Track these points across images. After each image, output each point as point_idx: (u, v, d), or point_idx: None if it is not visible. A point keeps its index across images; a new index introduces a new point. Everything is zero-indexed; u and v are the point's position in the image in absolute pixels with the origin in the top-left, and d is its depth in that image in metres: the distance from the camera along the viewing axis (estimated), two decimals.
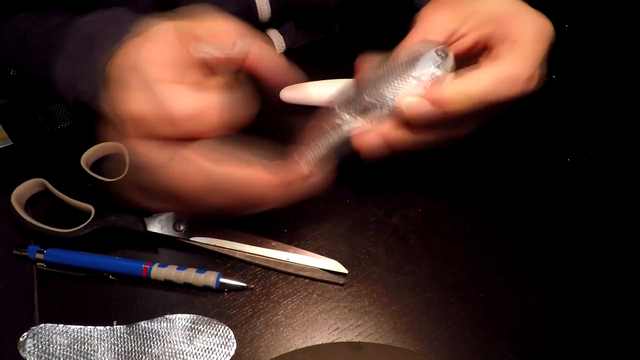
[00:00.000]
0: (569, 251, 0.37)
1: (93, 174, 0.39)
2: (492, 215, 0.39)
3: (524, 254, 0.37)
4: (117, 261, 0.35)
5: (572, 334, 0.33)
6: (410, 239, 0.38)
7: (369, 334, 0.33)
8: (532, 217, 0.40)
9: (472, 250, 0.37)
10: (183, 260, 0.36)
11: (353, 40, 0.57)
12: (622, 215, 0.40)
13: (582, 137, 0.46)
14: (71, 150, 0.40)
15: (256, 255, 0.36)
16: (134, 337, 0.32)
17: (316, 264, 0.35)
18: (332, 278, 0.35)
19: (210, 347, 0.32)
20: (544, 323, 0.33)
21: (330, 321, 0.33)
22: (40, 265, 0.35)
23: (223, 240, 0.36)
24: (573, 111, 0.49)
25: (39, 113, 0.64)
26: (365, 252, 0.37)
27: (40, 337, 0.32)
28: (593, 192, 0.42)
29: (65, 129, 0.63)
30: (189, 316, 0.33)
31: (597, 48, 0.57)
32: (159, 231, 0.36)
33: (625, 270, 0.36)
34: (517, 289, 0.35)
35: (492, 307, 0.34)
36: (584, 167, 0.43)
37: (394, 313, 0.34)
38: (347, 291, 0.35)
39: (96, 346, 0.32)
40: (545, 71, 0.31)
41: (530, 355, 0.32)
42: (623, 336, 0.33)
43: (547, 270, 0.36)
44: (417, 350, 0.32)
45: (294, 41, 0.59)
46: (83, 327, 0.32)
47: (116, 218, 0.36)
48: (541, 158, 0.44)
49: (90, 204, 0.36)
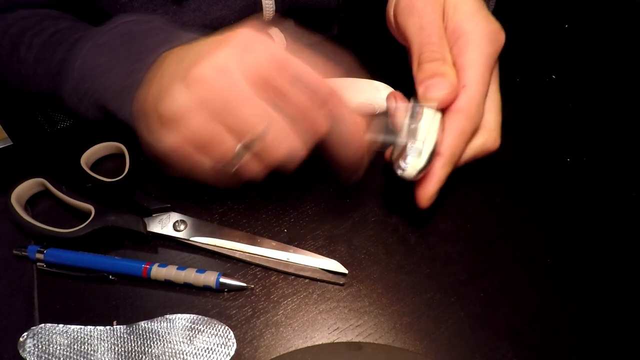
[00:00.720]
0: (569, 251, 0.37)
1: (93, 174, 0.39)
2: (492, 215, 0.39)
3: (524, 254, 0.37)
4: (117, 261, 0.35)
5: (572, 334, 0.33)
6: (410, 239, 0.38)
7: (369, 334, 0.33)
8: (532, 217, 0.40)
9: (472, 250, 0.37)
10: (183, 260, 0.36)
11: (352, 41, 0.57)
12: (622, 215, 0.40)
13: (582, 137, 0.46)
14: (71, 150, 0.40)
15: (256, 255, 0.36)
16: (134, 337, 0.32)
17: (316, 264, 0.35)
18: (332, 278, 0.35)
19: (210, 347, 0.32)
20: (544, 323, 0.33)
21: (330, 321, 0.33)
22: (40, 265, 0.35)
23: (223, 240, 0.36)
24: (573, 111, 0.49)
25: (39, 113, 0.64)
26: (365, 252, 0.37)
27: (40, 337, 0.32)
28: (593, 192, 0.42)
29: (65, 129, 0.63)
30: (189, 316, 0.33)
31: (597, 48, 0.57)
32: (159, 231, 0.36)
33: (625, 270, 0.37)
34: (517, 289, 0.35)
35: (492, 307, 0.34)
36: (584, 167, 0.43)
37: (394, 313, 0.34)
38: (347, 291, 0.35)
39: (96, 346, 0.32)
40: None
41: (530, 355, 0.32)
42: (623, 336, 0.33)
43: (547, 270, 0.36)
44: (417, 350, 0.32)
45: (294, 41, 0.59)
46: (83, 327, 0.32)
47: (116, 218, 0.36)
48: (541, 158, 0.44)
49: (90, 204, 0.36)
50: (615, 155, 0.45)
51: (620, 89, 0.52)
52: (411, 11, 0.36)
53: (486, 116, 0.36)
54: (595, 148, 0.45)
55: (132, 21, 0.39)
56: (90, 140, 0.41)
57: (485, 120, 0.35)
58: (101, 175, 0.39)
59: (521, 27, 0.59)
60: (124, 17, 0.40)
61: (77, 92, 0.39)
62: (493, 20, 0.36)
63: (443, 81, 0.33)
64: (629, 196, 0.41)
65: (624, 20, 0.62)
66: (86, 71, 0.38)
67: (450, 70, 0.34)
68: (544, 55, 0.55)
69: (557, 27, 0.59)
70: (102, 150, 0.41)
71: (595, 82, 0.52)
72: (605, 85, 0.52)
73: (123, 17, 0.40)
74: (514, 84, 0.51)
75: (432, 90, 0.34)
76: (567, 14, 0.61)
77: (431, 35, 0.35)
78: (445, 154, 0.34)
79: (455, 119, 0.34)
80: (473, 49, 0.34)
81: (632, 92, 0.51)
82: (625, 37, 0.59)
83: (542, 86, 0.51)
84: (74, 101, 0.40)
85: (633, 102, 0.50)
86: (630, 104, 0.50)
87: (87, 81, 0.38)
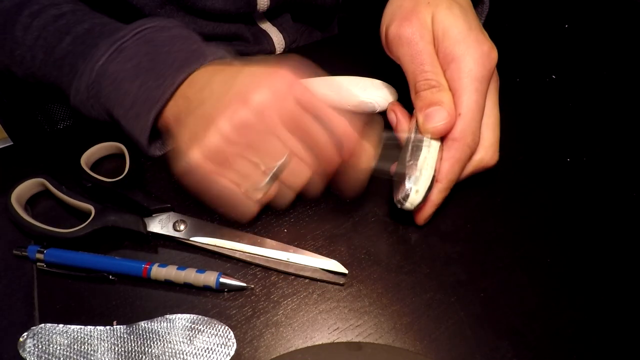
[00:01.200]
0: (569, 251, 0.37)
1: (93, 174, 0.39)
2: (492, 215, 0.39)
3: (524, 254, 0.37)
4: (117, 261, 0.35)
5: (572, 334, 0.33)
6: (410, 239, 0.38)
7: (369, 334, 0.33)
8: (532, 217, 0.40)
9: (472, 250, 0.37)
10: (183, 260, 0.36)
11: (352, 41, 0.57)
12: (622, 215, 0.40)
13: (582, 137, 0.46)
14: (71, 150, 0.40)
15: (256, 255, 0.36)
16: (134, 337, 0.32)
17: (316, 264, 0.35)
18: (332, 278, 0.35)
19: (210, 347, 0.32)
20: (544, 323, 0.33)
21: (330, 321, 0.33)
22: (40, 265, 0.35)
23: (223, 240, 0.36)
24: (573, 111, 0.49)
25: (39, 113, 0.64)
26: (365, 252, 0.37)
27: (40, 337, 0.32)
28: (593, 192, 0.42)
29: (65, 128, 0.63)
30: (189, 316, 0.33)
31: (597, 48, 0.57)
32: (159, 231, 0.36)
33: (625, 270, 0.37)
34: (517, 289, 0.35)
35: (492, 307, 0.34)
36: (584, 167, 0.43)
37: (394, 313, 0.34)
38: (347, 291, 0.35)
39: (96, 346, 0.32)
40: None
41: (530, 355, 0.32)
42: (623, 336, 0.33)
43: (547, 270, 0.36)
44: (417, 350, 0.32)
45: (293, 39, 0.59)
46: (83, 327, 0.32)
47: (116, 218, 0.36)
48: (541, 158, 0.44)
49: (90, 204, 0.36)
50: (615, 155, 0.45)
51: (620, 89, 0.52)
52: (400, 41, 0.37)
53: (484, 134, 0.37)
54: (595, 148, 0.45)
55: (153, 27, 0.39)
56: (90, 140, 0.41)
57: (483, 138, 0.37)
58: (101, 175, 0.39)
59: (521, 27, 0.59)
60: (143, 22, 0.39)
61: (89, 90, 0.39)
62: (483, 39, 0.36)
63: (441, 110, 0.35)
64: (629, 196, 0.41)
65: (624, 20, 0.62)
66: (107, 73, 0.38)
67: (447, 97, 0.35)
68: (544, 55, 0.55)
69: (557, 27, 0.59)
70: (102, 150, 0.41)
71: (595, 82, 0.52)
72: (605, 85, 0.52)
73: (142, 22, 0.39)
74: (514, 84, 0.51)
75: (432, 121, 0.35)
76: (567, 14, 0.61)
77: (424, 64, 0.36)
78: (442, 182, 0.35)
79: (451, 147, 0.35)
80: (466, 75, 0.35)
81: (632, 92, 0.51)
82: (625, 37, 0.59)
83: (542, 86, 0.51)
84: (81, 98, 0.39)
85: (633, 102, 0.50)
86: (630, 104, 0.50)
87: (103, 83, 0.38)
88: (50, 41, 0.40)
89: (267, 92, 0.33)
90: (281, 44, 0.58)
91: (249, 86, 0.33)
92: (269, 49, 0.57)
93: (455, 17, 0.36)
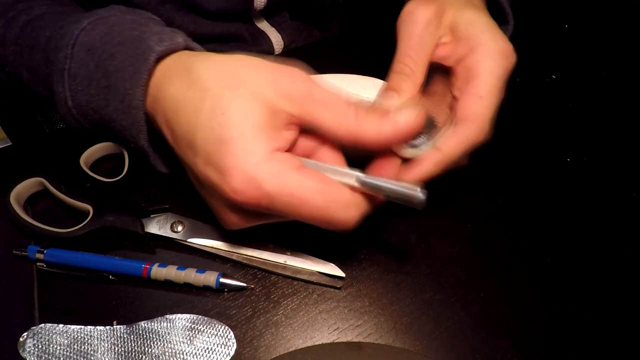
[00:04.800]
0: (569, 251, 0.37)
1: (92, 174, 0.39)
2: (492, 215, 0.39)
3: (524, 254, 0.37)
4: (117, 261, 0.35)
5: (572, 334, 0.33)
6: (410, 239, 0.38)
7: (369, 334, 0.33)
8: (532, 217, 0.40)
9: (472, 250, 0.37)
10: (183, 261, 0.36)
11: (352, 41, 0.57)
12: (622, 215, 0.40)
13: (582, 137, 0.46)
14: (70, 150, 0.40)
15: (253, 258, 0.36)
16: (134, 337, 0.32)
17: (313, 267, 0.35)
18: (329, 281, 0.35)
19: (210, 347, 0.32)
20: (544, 323, 0.33)
21: (330, 321, 0.33)
22: (40, 265, 0.35)
23: (220, 242, 0.36)
24: (573, 111, 0.49)
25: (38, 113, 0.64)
26: (365, 252, 0.37)
27: (40, 337, 0.32)
28: (593, 192, 0.42)
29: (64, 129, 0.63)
30: (189, 316, 0.33)
31: (597, 48, 0.57)
32: (157, 232, 0.36)
33: (625, 270, 0.37)
34: (517, 289, 0.35)
35: (492, 307, 0.34)
36: (584, 167, 0.43)
37: (394, 313, 0.34)
38: (347, 291, 0.35)
39: (96, 346, 0.32)
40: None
41: (530, 355, 0.32)
42: (623, 336, 0.33)
43: (547, 270, 0.36)
44: (417, 350, 0.32)
45: (292, 40, 0.59)
46: (83, 327, 0.32)
47: (114, 218, 0.36)
48: (541, 158, 0.44)
49: (89, 204, 0.36)
50: (615, 155, 0.45)
51: (620, 89, 0.52)
52: (408, 18, 0.37)
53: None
54: (595, 148, 0.45)
55: (84, 29, 0.35)
56: (89, 140, 0.41)
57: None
58: (100, 175, 0.38)
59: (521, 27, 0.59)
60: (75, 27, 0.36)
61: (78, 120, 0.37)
62: (507, 40, 0.36)
63: (394, 96, 0.35)
64: (629, 196, 0.41)
65: (624, 20, 0.62)
66: (81, 105, 0.36)
67: (409, 88, 0.35)
68: (544, 55, 0.55)
69: (557, 27, 0.59)
70: (101, 150, 0.41)
71: (595, 82, 0.52)
72: (605, 85, 0.52)
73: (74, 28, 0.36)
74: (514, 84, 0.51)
75: (385, 100, 0.35)
76: (567, 14, 0.61)
77: (412, 48, 0.36)
78: (442, 150, 0.33)
79: (464, 125, 0.34)
80: (491, 60, 0.35)
81: (632, 92, 0.51)
82: (625, 37, 0.59)
83: (542, 86, 0.51)
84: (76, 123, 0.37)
85: (633, 102, 0.50)
86: (630, 104, 0.50)
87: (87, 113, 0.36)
88: (26, 58, 0.38)
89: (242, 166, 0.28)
90: (280, 45, 0.58)
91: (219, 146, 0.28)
92: (268, 49, 0.57)
93: (481, 12, 0.37)
